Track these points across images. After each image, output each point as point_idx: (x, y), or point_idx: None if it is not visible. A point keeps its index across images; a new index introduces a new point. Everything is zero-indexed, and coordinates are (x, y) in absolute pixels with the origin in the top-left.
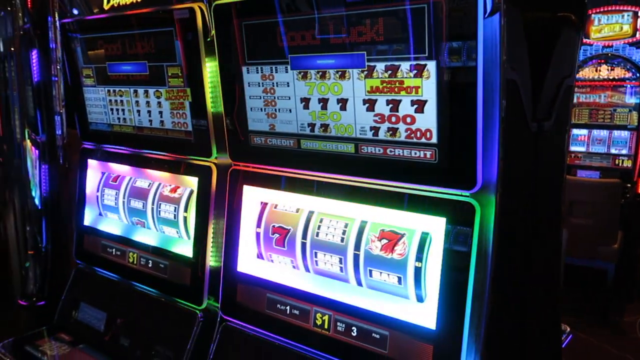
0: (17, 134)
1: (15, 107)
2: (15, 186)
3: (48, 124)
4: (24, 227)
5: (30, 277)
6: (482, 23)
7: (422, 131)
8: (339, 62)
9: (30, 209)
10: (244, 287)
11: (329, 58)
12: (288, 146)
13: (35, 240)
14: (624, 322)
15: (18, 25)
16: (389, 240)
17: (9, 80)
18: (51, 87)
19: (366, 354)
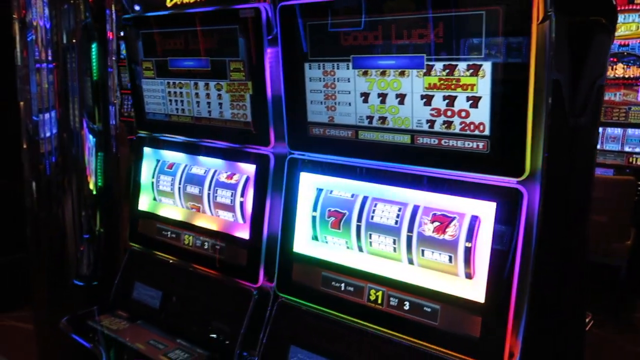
0: (76, 123)
1: (75, 97)
2: (73, 173)
3: (104, 114)
4: (80, 212)
5: (85, 259)
6: (534, 29)
7: (475, 124)
8: (400, 62)
9: (86, 195)
10: (299, 266)
11: (390, 59)
12: (346, 137)
13: (89, 224)
14: (636, 318)
15: (80, 18)
16: (441, 222)
17: (69, 71)
18: (107, 79)
19: (417, 326)
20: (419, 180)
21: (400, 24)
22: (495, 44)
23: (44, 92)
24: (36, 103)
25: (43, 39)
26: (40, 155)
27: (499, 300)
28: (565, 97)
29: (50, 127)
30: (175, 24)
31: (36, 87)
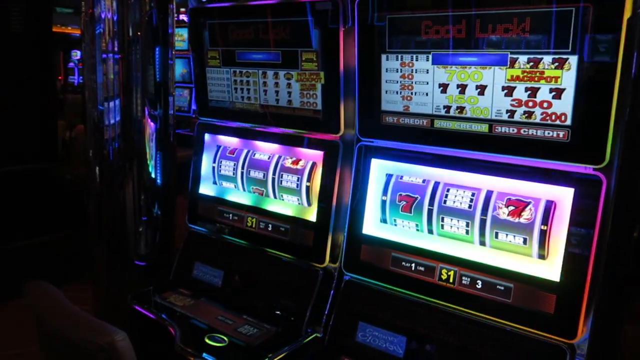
0: (138, 112)
1: (138, 87)
2: (135, 159)
3: (164, 104)
4: (140, 195)
5: (142, 239)
6: (624, 26)
7: (557, 114)
8: (482, 59)
9: (145, 180)
10: (368, 247)
11: (472, 56)
12: (421, 125)
13: (148, 207)
14: None
15: (145, 11)
16: (516, 207)
17: (133, 62)
18: (168, 70)
19: (491, 303)
20: (494, 167)
21: (485, 18)
22: (584, 38)
23: (110, 82)
24: (102, 92)
25: (110, 31)
26: (105, 141)
27: (574, 280)
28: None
29: (115, 115)
30: (245, 15)
31: (102, 77)
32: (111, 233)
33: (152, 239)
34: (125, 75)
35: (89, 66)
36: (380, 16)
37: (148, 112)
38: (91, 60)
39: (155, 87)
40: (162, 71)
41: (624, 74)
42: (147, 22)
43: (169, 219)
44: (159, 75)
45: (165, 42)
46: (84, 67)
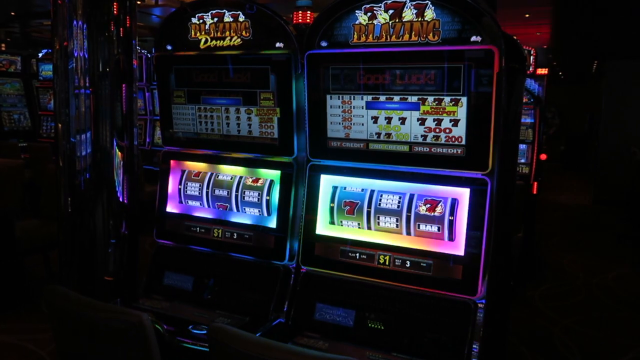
0: (107, 143)
1: (106, 120)
2: (104, 188)
3: (129, 134)
4: (109, 221)
5: (112, 259)
6: (495, 77)
7: (456, 137)
8: (401, 106)
9: (114, 206)
10: (321, 244)
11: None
12: (358, 147)
13: (117, 230)
14: (526, 295)
15: (112, 49)
16: (431, 204)
17: (103, 96)
18: (132, 103)
19: (418, 277)
20: (414, 176)
21: (403, 71)
22: (470, 85)
23: (81, 115)
24: (74, 125)
25: (82, 67)
26: (77, 172)
27: (474, 254)
28: (507, 120)
29: (86, 147)
30: (209, 62)
31: (75, 110)
32: (82, 256)
33: (120, 258)
34: (96, 109)
35: (62, 100)
36: (325, 66)
37: (116, 143)
38: (64, 95)
39: (122, 120)
40: (128, 104)
41: (497, 108)
42: (114, 59)
43: (134, 238)
44: (125, 108)
45: (130, 77)
46: (55, 101)
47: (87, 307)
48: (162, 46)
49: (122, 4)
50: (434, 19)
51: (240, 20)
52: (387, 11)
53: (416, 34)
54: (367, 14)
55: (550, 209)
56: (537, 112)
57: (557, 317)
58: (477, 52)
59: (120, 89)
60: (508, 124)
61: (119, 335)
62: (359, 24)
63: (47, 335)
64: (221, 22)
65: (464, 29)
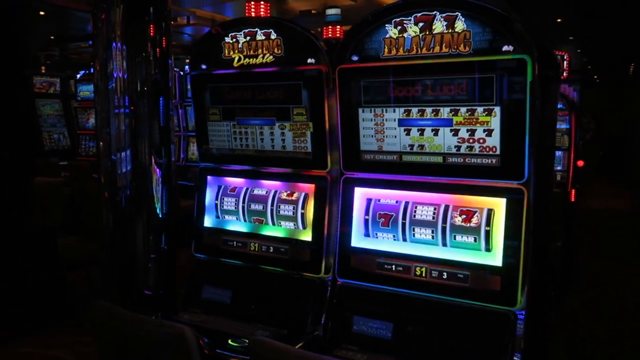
0: (146, 160)
1: (145, 137)
2: (144, 204)
3: (166, 151)
4: (148, 236)
5: (152, 274)
6: (529, 86)
7: (490, 147)
8: (434, 123)
9: (153, 221)
10: (356, 257)
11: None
12: (392, 160)
13: (156, 245)
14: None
15: (150, 70)
16: (467, 215)
17: (141, 115)
18: (169, 120)
19: (455, 288)
20: (448, 187)
21: (435, 82)
22: (503, 95)
23: (121, 134)
24: (114, 144)
25: (121, 87)
26: (117, 189)
27: (512, 264)
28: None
29: (126, 164)
30: (242, 80)
31: (115, 129)
32: (123, 271)
33: (159, 272)
34: (135, 127)
35: (103, 119)
36: (356, 80)
37: (154, 160)
38: (105, 114)
39: (160, 137)
40: (165, 122)
41: (532, 117)
42: (151, 78)
43: (172, 252)
44: (162, 125)
45: (167, 95)
46: (96, 120)
47: (130, 321)
48: (197, 65)
49: (158, 25)
50: (465, 30)
51: (272, 38)
52: (417, 24)
53: (447, 46)
54: (397, 28)
55: (589, 216)
56: (572, 117)
57: (597, 326)
58: (510, 61)
59: (157, 108)
60: (543, 132)
61: (162, 348)
62: (389, 37)
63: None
64: (253, 40)
65: (495, 39)
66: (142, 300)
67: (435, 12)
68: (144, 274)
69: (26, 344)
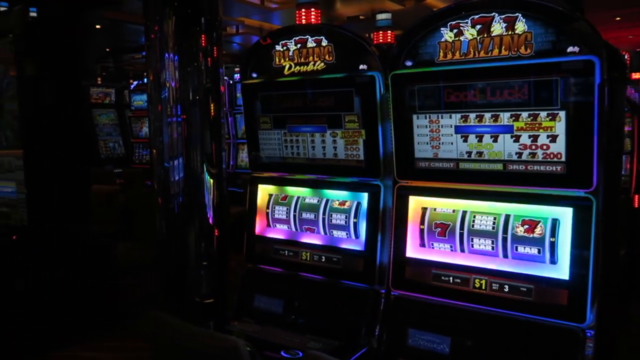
0: (198, 167)
1: (197, 145)
2: (196, 211)
3: (218, 159)
4: (200, 243)
5: (204, 281)
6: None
7: (554, 154)
8: (493, 129)
9: (205, 228)
10: (411, 268)
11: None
12: (448, 167)
13: (208, 252)
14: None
15: (201, 78)
16: (530, 225)
17: (193, 123)
18: (220, 128)
19: (517, 302)
20: (509, 196)
21: (493, 87)
22: (569, 99)
23: (174, 142)
24: (167, 152)
25: (174, 96)
26: (170, 196)
27: (580, 277)
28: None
29: (179, 172)
30: (293, 88)
31: (168, 137)
32: (176, 277)
33: (211, 279)
34: (187, 136)
35: (156, 128)
36: (411, 86)
37: (206, 168)
38: (158, 123)
39: (211, 145)
40: (216, 130)
41: (600, 121)
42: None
43: (224, 260)
44: (214, 133)
45: (218, 104)
46: (150, 129)
47: (184, 333)
48: (248, 74)
49: (210, 35)
50: (526, 32)
51: (323, 45)
52: (475, 26)
53: (506, 48)
54: (452, 31)
55: None
56: (635, 120)
57: None
58: (575, 63)
59: (208, 116)
60: (611, 136)
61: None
62: (444, 41)
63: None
64: (304, 48)
65: (559, 39)
66: (194, 307)
67: (493, 13)
68: (196, 281)
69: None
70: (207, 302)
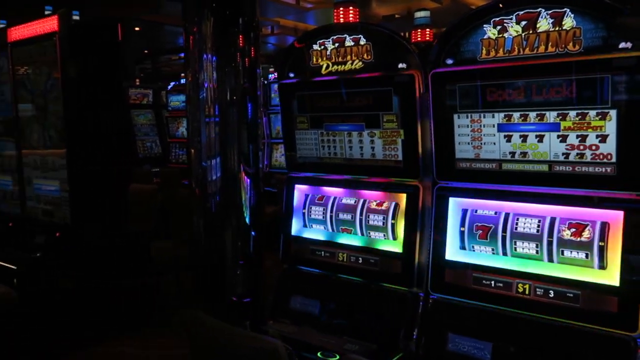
0: (235, 167)
1: (234, 145)
2: (233, 210)
3: (254, 158)
4: (237, 242)
5: (240, 280)
6: None
7: (604, 154)
8: (538, 127)
9: (242, 228)
10: (451, 271)
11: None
12: (490, 168)
13: (244, 252)
14: None
15: (238, 79)
16: (577, 229)
17: (230, 123)
18: (257, 128)
19: (563, 309)
20: (555, 198)
21: (539, 85)
22: (620, 97)
23: (212, 142)
24: (205, 152)
25: (211, 97)
26: (208, 195)
27: (632, 284)
28: None
29: (216, 171)
30: (330, 88)
31: (205, 138)
32: (213, 276)
33: (248, 279)
34: (225, 135)
35: (194, 129)
36: (451, 85)
37: (243, 168)
38: (196, 124)
39: (248, 145)
40: (253, 130)
41: None
42: (240, 88)
43: (259, 259)
44: (250, 133)
45: (255, 104)
46: (188, 129)
47: (223, 333)
48: (284, 74)
49: (247, 36)
50: (574, 27)
51: (362, 44)
52: (519, 23)
53: (553, 45)
54: (496, 28)
55: None
56: None
57: None
58: (628, 59)
59: (245, 116)
60: None
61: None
62: (487, 38)
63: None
64: (342, 47)
65: (610, 35)
66: (231, 307)
67: (540, 9)
68: (233, 280)
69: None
70: (243, 301)
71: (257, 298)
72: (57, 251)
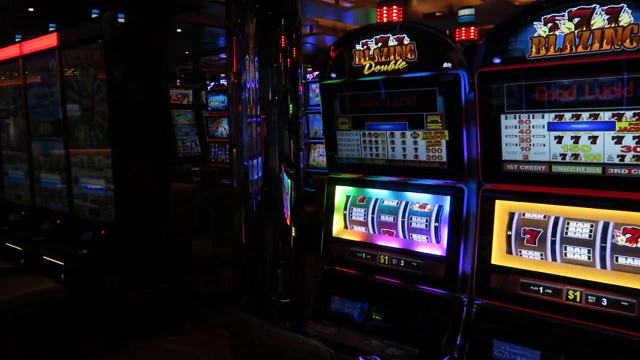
0: (276, 167)
1: (275, 145)
2: (274, 210)
3: (295, 158)
4: (278, 242)
5: (281, 280)
6: None
7: None
8: (592, 126)
9: (282, 228)
10: (497, 276)
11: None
12: (539, 170)
13: (285, 252)
14: None
15: (280, 79)
16: (632, 235)
17: (272, 123)
18: (298, 128)
19: (618, 318)
20: (609, 202)
21: (592, 84)
22: None
23: (253, 142)
24: (247, 151)
25: (254, 97)
26: (249, 194)
27: None
28: None
29: (257, 171)
30: (373, 88)
31: (247, 137)
32: (254, 276)
33: (288, 280)
34: (266, 135)
35: (237, 129)
36: (499, 84)
37: (284, 167)
38: (238, 124)
39: (289, 145)
40: (294, 130)
41: None
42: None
43: (300, 259)
44: (292, 133)
45: (297, 104)
46: (231, 129)
47: (265, 333)
48: (326, 75)
49: (289, 36)
50: (632, 24)
51: (405, 43)
52: (572, 19)
53: (608, 42)
54: (547, 25)
55: None
56: None
57: None
58: None
59: (287, 116)
60: None
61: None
62: (537, 36)
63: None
64: (385, 47)
65: None
66: (272, 307)
67: (594, 5)
68: (273, 280)
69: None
70: (284, 301)
71: (298, 298)
72: (102, 249)
